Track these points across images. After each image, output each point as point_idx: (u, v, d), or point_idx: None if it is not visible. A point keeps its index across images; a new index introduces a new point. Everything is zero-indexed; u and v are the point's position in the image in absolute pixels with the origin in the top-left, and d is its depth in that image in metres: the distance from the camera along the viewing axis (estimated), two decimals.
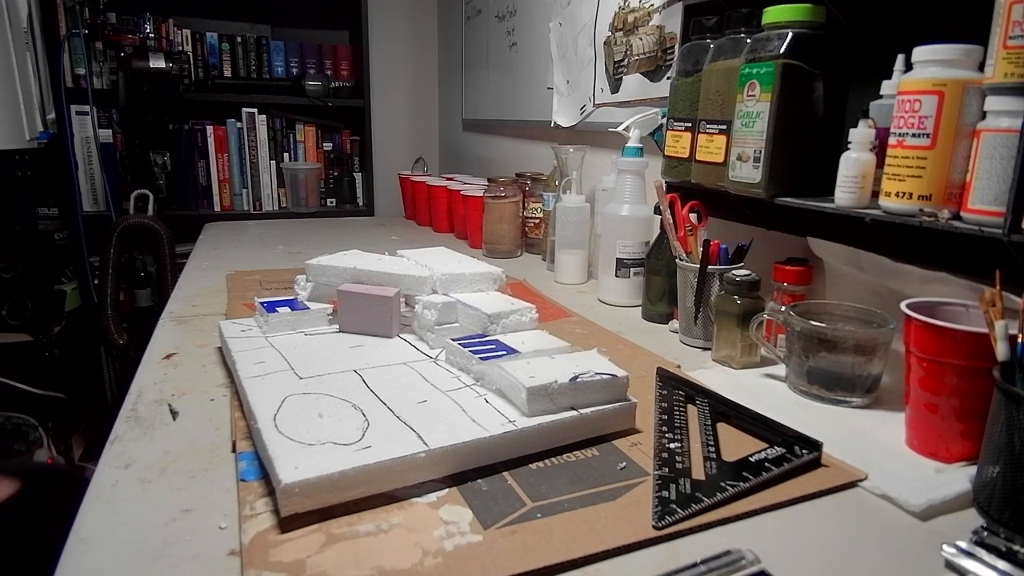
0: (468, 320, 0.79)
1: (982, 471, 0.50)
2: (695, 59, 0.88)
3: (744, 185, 0.78)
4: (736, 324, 0.76)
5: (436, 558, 0.42)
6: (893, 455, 0.58)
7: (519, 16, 1.74)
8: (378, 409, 0.57)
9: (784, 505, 0.50)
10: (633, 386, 0.63)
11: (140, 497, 0.48)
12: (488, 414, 0.57)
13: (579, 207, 1.17)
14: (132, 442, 0.56)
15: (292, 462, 0.47)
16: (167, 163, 2.06)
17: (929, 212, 0.60)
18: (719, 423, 0.62)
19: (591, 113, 1.40)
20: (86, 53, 1.93)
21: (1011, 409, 0.46)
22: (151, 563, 0.41)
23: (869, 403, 0.67)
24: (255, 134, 2.18)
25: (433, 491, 0.50)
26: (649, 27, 1.18)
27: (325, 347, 0.74)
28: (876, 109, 0.72)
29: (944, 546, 0.44)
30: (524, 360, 0.63)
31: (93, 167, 2.02)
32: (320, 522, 0.45)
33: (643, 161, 1.01)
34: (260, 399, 0.58)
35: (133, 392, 0.66)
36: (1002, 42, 0.54)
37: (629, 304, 1.03)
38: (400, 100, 2.52)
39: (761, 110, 0.74)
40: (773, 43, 0.73)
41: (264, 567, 0.40)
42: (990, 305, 0.49)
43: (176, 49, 2.06)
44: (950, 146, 0.59)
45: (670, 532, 0.45)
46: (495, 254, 1.40)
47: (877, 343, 0.65)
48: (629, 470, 0.53)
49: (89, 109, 1.96)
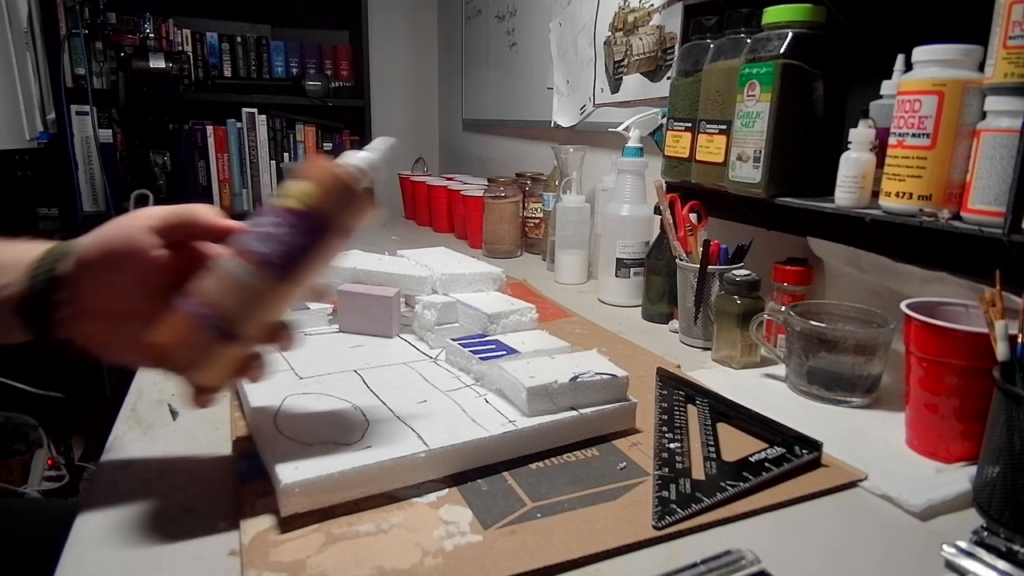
0: (468, 320, 0.79)
1: (982, 471, 0.50)
2: (695, 59, 0.88)
3: (744, 185, 0.78)
4: (736, 324, 0.76)
5: (436, 558, 0.42)
6: (893, 455, 0.58)
7: (519, 16, 1.74)
8: (378, 409, 0.57)
9: (784, 505, 0.50)
10: (633, 386, 0.63)
11: (140, 497, 0.48)
12: (488, 414, 0.57)
13: (579, 207, 1.17)
14: (132, 442, 0.56)
15: (292, 462, 0.47)
16: (167, 163, 2.05)
17: (929, 212, 0.60)
18: (719, 423, 0.62)
19: (591, 113, 1.40)
20: (86, 53, 1.92)
21: (1011, 409, 0.46)
22: (151, 563, 0.41)
23: (869, 403, 0.67)
24: (255, 134, 2.18)
25: (433, 491, 0.50)
26: (649, 27, 1.18)
27: (325, 347, 0.74)
28: (876, 109, 0.72)
29: (944, 546, 0.44)
30: (524, 360, 0.63)
31: (93, 167, 2.02)
32: (320, 522, 0.45)
33: (643, 161, 1.01)
34: (260, 399, 0.58)
35: (133, 392, 0.66)
36: (1002, 42, 0.54)
37: (629, 304, 1.03)
38: (400, 100, 2.52)
39: (761, 110, 0.74)
40: (773, 43, 0.73)
41: (264, 567, 0.40)
42: (990, 305, 0.49)
43: (176, 49, 2.06)
44: (950, 146, 0.59)
45: (670, 532, 0.45)
46: (495, 254, 1.40)
47: (877, 343, 0.65)
48: (629, 470, 0.53)
49: (89, 109, 1.96)
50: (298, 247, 0.45)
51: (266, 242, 0.45)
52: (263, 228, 0.45)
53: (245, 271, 0.44)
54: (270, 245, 0.45)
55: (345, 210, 0.47)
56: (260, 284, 0.44)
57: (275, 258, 0.44)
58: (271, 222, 0.45)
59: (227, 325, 0.44)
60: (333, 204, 0.46)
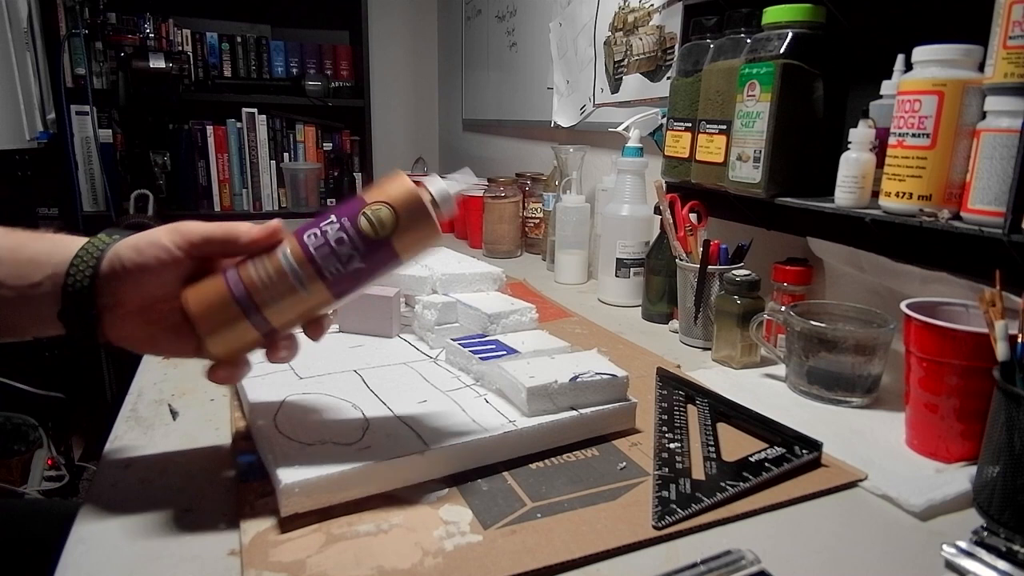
0: (468, 320, 0.79)
1: (982, 471, 0.49)
2: (695, 59, 0.88)
3: (744, 185, 0.78)
4: (736, 324, 0.76)
5: (436, 558, 0.42)
6: (893, 455, 0.58)
7: (519, 16, 1.74)
8: (378, 409, 0.57)
9: (784, 505, 0.50)
10: (633, 386, 0.63)
11: (140, 497, 0.48)
12: (488, 414, 0.57)
13: (579, 207, 1.17)
14: (132, 442, 0.56)
15: (292, 462, 0.47)
16: (167, 163, 2.05)
17: (929, 212, 0.60)
18: (719, 423, 0.62)
19: (591, 113, 1.40)
20: (86, 53, 1.92)
21: (1011, 409, 0.46)
22: (151, 563, 0.41)
23: (869, 403, 0.67)
24: (255, 134, 2.18)
25: (433, 491, 0.49)
26: (649, 27, 1.18)
27: (325, 347, 0.74)
28: (876, 109, 0.72)
29: (944, 546, 0.44)
30: (524, 360, 0.63)
31: (93, 167, 2.02)
32: (320, 522, 0.45)
33: (643, 161, 1.01)
34: (260, 399, 0.58)
35: (133, 392, 0.66)
36: (1002, 42, 0.54)
37: (629, 304, 1.03)
38: (400, 100, 2.52)
39: (761, 110, 0.74)
40: (773, 43, 0.73)
41: (264, 567, 0.40)
42: (990, 305, 0.49)
43: (176, 49, 2.06)
44: (950, 146, 0.59)
45: (670, 532, 0.45)
46: (495, 254, 1.40)
47: (877, 343, 0.65)
48: (629, 470, 0.53)
49: (89, 109, 1.96)
50: (356, 271, 0.45)
51: (328, 257, 0.45)
52: (331, 236, 0.45)
53: (296, 274, 0.45)
54: (331, 263, 0.45)
55: (414, 236, 0.46)
56: (305, 292, 0.45)
57: (329, 275, 0.45)
58: (339, 235, 0.45)
59: (257, 309, 0.44)
60: (406, 234, 0.46)
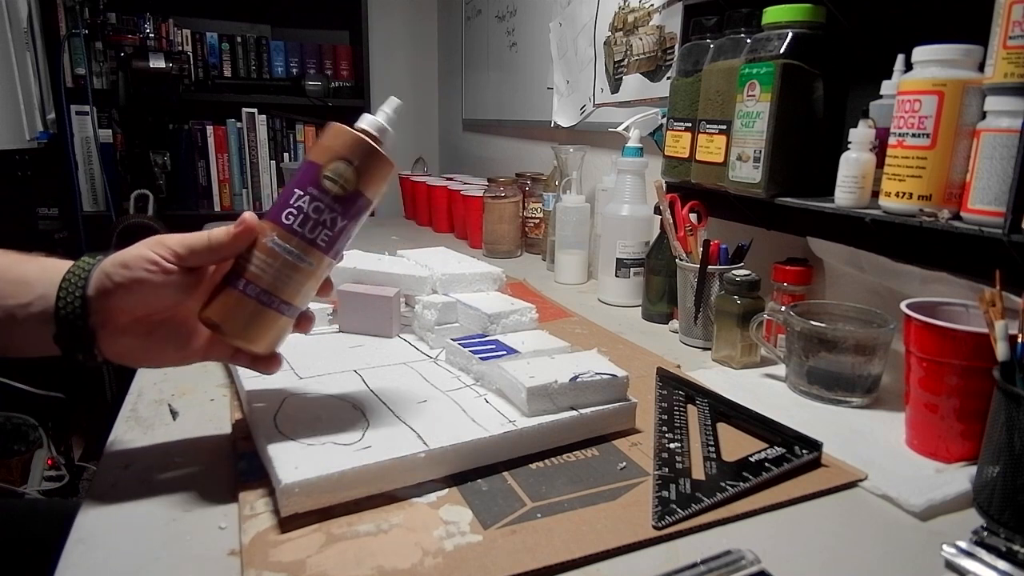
0: (468, 320, 0.79)
1: (982, 471, 0.50)
2: (695, 59, 0.88)
3: (744, 185, 0.78)
4: (736, 324, 0.76)
5: (436, 558, 0.42)
6: (893, 455, 0.58)
7: (519, 16, 1.74)
8: (378, 409, 0.57)
9: (784, 505, 0.50)
10: (633, 386, 0.63)
11: (140, 497, 0.48)
12: (488, 414, 0.57)
13: (579, 207, 1.17)
14: (132, 442, 0.56)
15: (292, 462, 0.47)
16: (167, 163, 2.06)
17: (929, 212, 0.60)
18: (719, 423, 0.62)
19: (591, 113, 1.40)
20: (86, 53, 1.93)
21: (1011, 409, 0.46)
22: (151, 563, 0.41)
23: (869, 403, 0.67)
24: (255, 134, 2.18)
25: (433, 491, 0.50)
26: (649, 27, 1.18)
27: (325, 347, 0.74)
28: (876, 109, 0.72)
29: (944, 546, 0.44)
30: (524, 360, 0.63)
31: (93, 167, 2.02)
32: (320, 522, 0.45)
33: (643, 161, 1.01)
34: (260, 399, 0.58)
35: (133, 392, 0.66)
36: (1002, 42, 0.54)
37: (629, 304, 1.03)
38: (400, 100, 2.52)
39: (761, 110, 0.74)
40: (773, 43, 0.73)
41: (264, 567, 0.40)
42: (990, 305, 0.49)
43: (176, 49, 2.06)
44: (950, 146, 0.59)
45: (670, 532, 0.45)
46: (495, 254, 1.40)
47: (877, 343, 0.65)
48: (629, 470, 0.53)
49: (89, 109, 1.96)
50: (343, 228, 0.50)
51: (315, 228, 0.48)
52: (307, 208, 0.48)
53: (294, 254, 0.48)
54: (318, 232, 0.48)
55: (376, 177, 0.50)
56: (308, 265, 0.49)
57: (322, 242, 0.49)
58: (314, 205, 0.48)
59: (272, 297, 0.48)
60: (367, 178, 0.49)
